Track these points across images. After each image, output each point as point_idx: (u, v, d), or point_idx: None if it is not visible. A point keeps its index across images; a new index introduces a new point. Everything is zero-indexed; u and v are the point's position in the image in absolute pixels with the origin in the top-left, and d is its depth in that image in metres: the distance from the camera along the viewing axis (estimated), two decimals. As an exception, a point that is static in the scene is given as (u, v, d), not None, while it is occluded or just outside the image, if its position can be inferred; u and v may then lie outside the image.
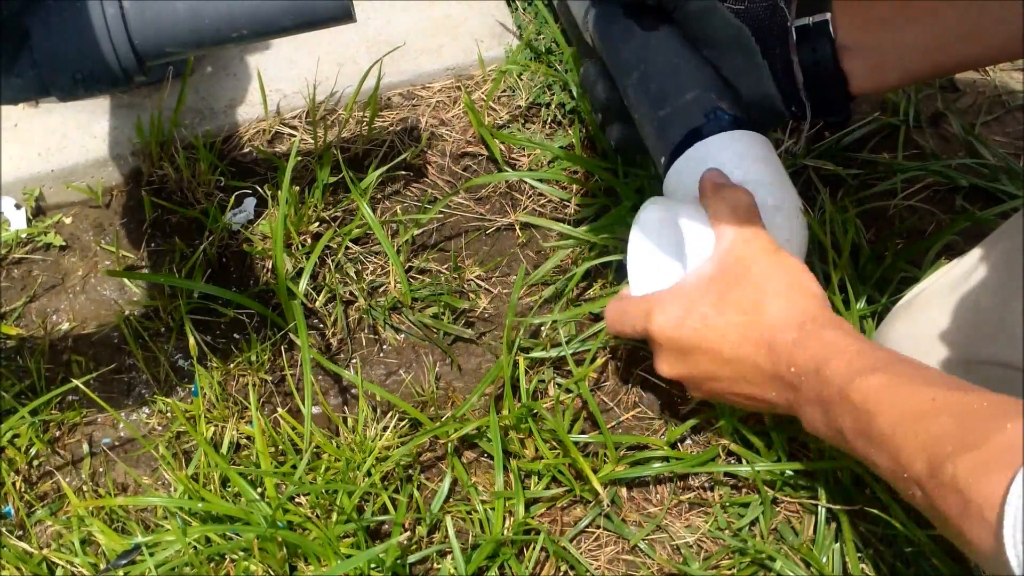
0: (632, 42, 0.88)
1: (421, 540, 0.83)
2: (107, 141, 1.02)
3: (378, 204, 1.02)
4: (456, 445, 0.87)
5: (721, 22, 0.84)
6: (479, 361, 0.95)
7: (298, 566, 0.80)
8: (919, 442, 0.58)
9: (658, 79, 0.85)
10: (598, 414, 0.87)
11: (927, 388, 0.61)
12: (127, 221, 1.00)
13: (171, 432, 0.87)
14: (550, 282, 0.97)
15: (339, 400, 0.92)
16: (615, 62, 0.91)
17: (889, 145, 1.08)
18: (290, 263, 0.95)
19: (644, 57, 0.87)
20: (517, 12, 1.15)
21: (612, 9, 0.91)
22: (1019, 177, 1.04)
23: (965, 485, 0.54)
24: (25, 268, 0.98)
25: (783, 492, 0.85)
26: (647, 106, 0.86)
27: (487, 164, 1.06)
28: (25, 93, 0.72)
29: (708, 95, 0.83)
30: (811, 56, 0.83)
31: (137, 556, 0.79)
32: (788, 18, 0.83)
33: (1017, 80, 1.15)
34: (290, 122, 1.06)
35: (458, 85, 1.10)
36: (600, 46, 0.94)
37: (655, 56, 0.86)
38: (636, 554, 0.84)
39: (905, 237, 1.01)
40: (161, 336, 0.94)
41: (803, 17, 0.83)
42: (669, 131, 0.83)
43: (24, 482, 0.85)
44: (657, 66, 0.86)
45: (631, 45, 0.88)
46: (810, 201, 1.01)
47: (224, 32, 0.72)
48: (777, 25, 0.84)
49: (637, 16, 0.89)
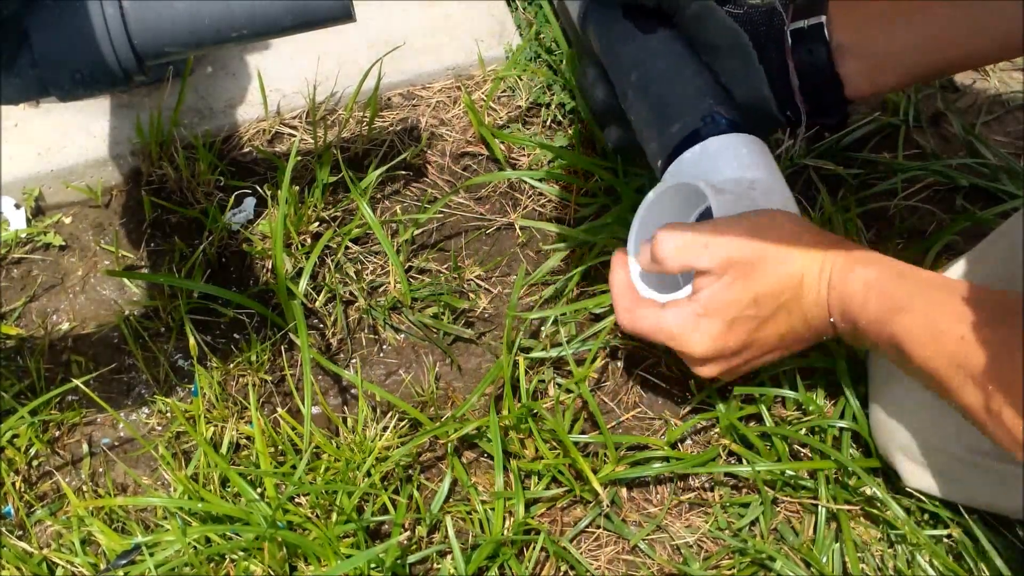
0: (631, 45, 0.88)
1: (421, 540, 0.83)
2: (107, 141, 1.02)
3: (378, 204, 1.02)
4: (456, 445, 0.87)
5: (719, 26, 0.84)
6: (479, 361, 0.95)
7: (298, 566, 0.80)
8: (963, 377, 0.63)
9: (656, 82, 0.85)
10: (598, 414, 0.87)
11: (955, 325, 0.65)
12: (127, 221, 1.00)
13: (171, 432, 0.87)
14: (550, 282, 0.97)
15: (339, 400, 0.92)
16: (613, 64, 0.91)
17: (889, 145, 1.08)
18: (290, 263, 0.95)
19: (642, 60, 0.87)
20: (517, 12, 1.14)
21: (611, 11, 0.91)
22: (1019, 177, 1.04)
23: (1011, 423, 0.60)
24: (25, 268, 0.98)
25: (783, 492, 0.85)
26: (645, 109, 0.86)
27: (487, 164, 1.06)
28: (25, 93, 0.72)
29: (706, 99, 0.83)
30: (807, 59, 0.83)
31: (137, 556, 0.79)
32: (784, 22, 0.83)
33: (1017, 80, 1.15)
34: (290, 122, 1.06)
35: (458, 85, 1.10)
36: (598, 48, 0.94)
37: (653, 59, 0.86)
38: (636, 554, 0.84)
39: (905, 237, 1.01)
40: (161, 336, 0.94)
41: (798, 20, 0.83)
42: (667, 134, 0.83)
43: (24, 482, 0.85)
44: (655, 69, 0.86)
45: (629, 48, 0.88)
46: (810, 201, 1.01)
47: (224, 32, 0.72)
48: (774, 29, 0.84)
49: (636, 19, 0.89)
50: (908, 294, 0.70)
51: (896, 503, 0.82)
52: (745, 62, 0.82)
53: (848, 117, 0.89)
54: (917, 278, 0.71)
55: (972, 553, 0.80)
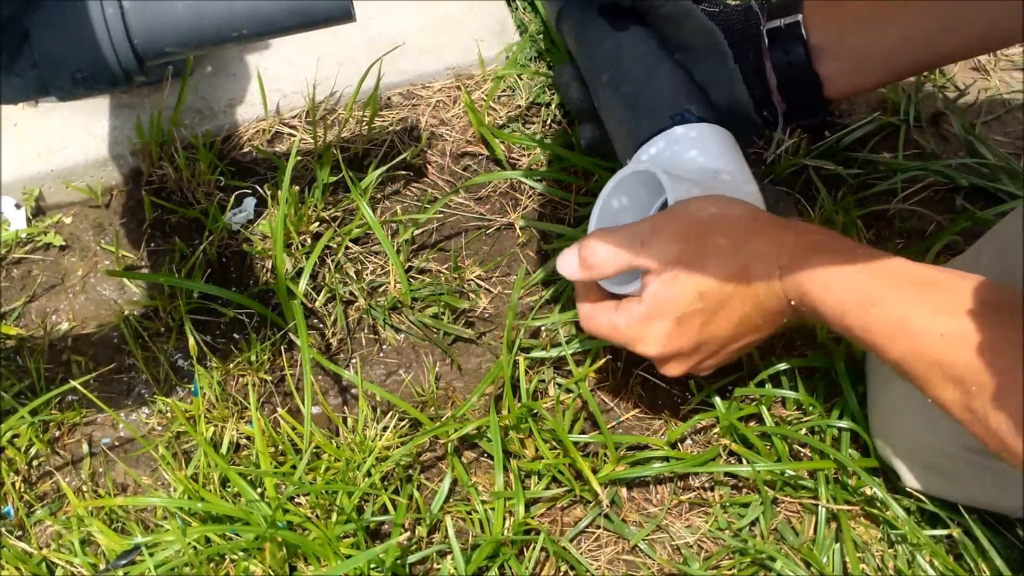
0: (604, 44, 0.88)
1: (421, 540, 0.83)
2: (107, 141, 1.02)
3: (378, 204, 1.02)
4: (456, 445, 0.87)
5: (695, 25, 0.83)
6: (479, 361, 0.95)
7: (298, 566, 0.80)
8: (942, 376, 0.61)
9: (629, 81, 0.85)
10: (598, 414, 0.87)
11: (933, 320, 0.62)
12: (127, 221, 1.00)
13: (171, 432, 0.87)
14: (550, 282, 0.97)
15: (339, 400, 0.92)
16: (587, 64, 0.90)
17: (889, 145, 1.08)
18: (290, 263, 0.95)
19: (616, 59, 0.86)
20: (517, 12, 1.14)
21: (585, 11, 0.91)
22: (1019, 177, 1.04)
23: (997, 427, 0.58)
24: (25, 268, 0.98)
25: (783, 492, 0.85)
26: (617, 109, 0.85)
27: (487, 164, 1.06)
28: (25, 93, 0.72)
29: (678, 98, 0.82)
30: (784, 59, 0.82)
31: (137, 556, 0.79)
32: (760, 21, 0.83)
33: (1017, 80, 1.15)
34: (290, 122, 1.06)
35: (458, 85, 1.09)
36: (573, 47, 0.93)
37: (627, 58, 0.86)
38: (636, 554, 0.84)
39: (905, 237, 1.01)
40: (161, 336, 0.94)
41: (775, 19, 0.83)
42: (637, 132, 0.83)
43: (24, 482, 0.85)
44: (629, 68, 0.85)
45: (603, 47, 0.88)
46: (810, 201, 1.01)
47: (224, 32, 0.72)
48: (751, 28, 0.83)
49: (610, 18, 0.88)
50: (878, 286, 0.66)
51: (896, 503, 0.82)
52: (720, 62, 0.82)
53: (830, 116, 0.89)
54: (883, 267, 0.68)
55: (972, 553, 0.80)
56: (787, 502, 0.86)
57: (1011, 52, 1.17)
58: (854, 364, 0.88)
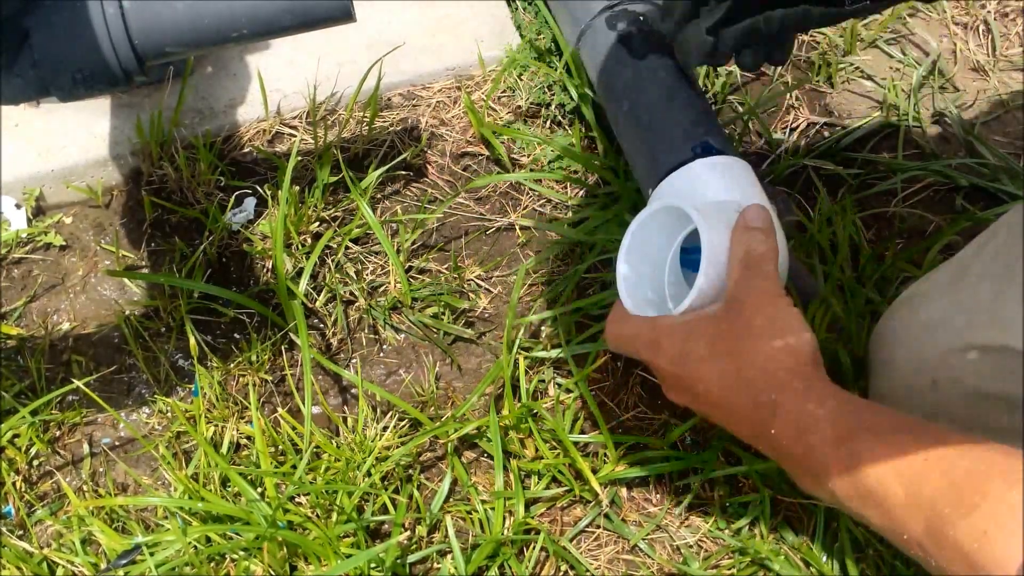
0: (625, 71, 0.88)
1: (421, 540, 0.83)
2: (107, 141, 1.02)
3: (378, 204, 1.02)
4: (456, 445, 0.87)
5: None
6: (479, 361, 0.95)
7: (298, 566, 0.80)
8: (915, 504, 0.59)
9: (649, 110, 0.85)
10: (598, 414, 0.87)
11: (914, 447, 0.60)
12: (127, 221, 1.00)
13: (171, 432, 0.87)
14: (550, 282, 0.97)
15: (339, 400, 0.92)
16: (606, 90, 0.91)
17: (889, 145, 1.08)
18: (290, 263, 0.95)
19: (636, 86, 0.86)
20: (517, 12, 1.14)
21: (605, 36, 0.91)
22: (1019, 177, 1.04)
23: (970, 550, 0.55)
24: (25, 268, 0.98)
25: (783, 492, 0.85)
26: (637, 138, 0.85)
27: (487, 164, 1.06)
28: (25, 93, 0.72)
29: (697, 128, 0.82)
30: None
31: (137, 556, 0.79)
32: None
33: (1017, 80, 1.15)
34: (290, 122, 1.06)
35: (458, 85, 1.10)
36: (592, 73, 0.93)
37: (647, 86, 0.86)
38: (636, 554, 0.84)
39: (905, 237, 1.01)
40: (161, 336, 0.94)
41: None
42: (658, 163, 0.83)
43: (24, 482, 0.86)
44: (649, 96, 0.85)
45: (624, 74, 0.88)
46: (810, 201, 1.01)
47: (224, 32, 0.72)
48: None
49: (631, 44, 0.88)
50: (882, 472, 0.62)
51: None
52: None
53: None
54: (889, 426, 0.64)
55: (972, 553, 0.80)
56: (787, 502, 0.86)
57: (1011, 52, 1.17)
58: (854, 363, 0.88)
